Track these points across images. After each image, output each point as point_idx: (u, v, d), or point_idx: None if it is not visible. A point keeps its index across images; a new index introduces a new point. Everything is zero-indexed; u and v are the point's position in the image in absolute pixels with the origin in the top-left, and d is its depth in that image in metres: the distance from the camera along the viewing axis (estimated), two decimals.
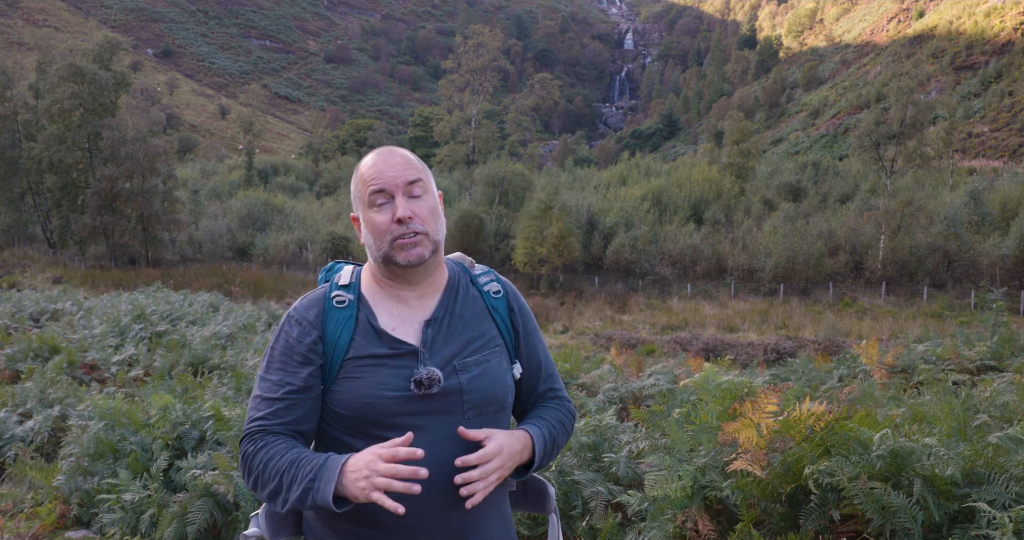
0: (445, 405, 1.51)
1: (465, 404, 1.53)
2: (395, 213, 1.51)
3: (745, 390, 3.17)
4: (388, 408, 1.48)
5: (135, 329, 9.89)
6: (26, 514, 4.44)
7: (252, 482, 1.48)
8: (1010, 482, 2.44)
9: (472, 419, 1.53)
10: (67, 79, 36.67)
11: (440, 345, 1.55)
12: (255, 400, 1.54)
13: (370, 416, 1.49)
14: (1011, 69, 73.43)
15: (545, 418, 1.66)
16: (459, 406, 1.52)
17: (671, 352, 15.97)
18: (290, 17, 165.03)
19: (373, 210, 1.54)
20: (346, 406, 1.50)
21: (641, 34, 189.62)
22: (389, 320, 1.56)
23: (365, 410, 1.49)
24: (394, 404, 1.49)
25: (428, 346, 1.54)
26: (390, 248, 1.52)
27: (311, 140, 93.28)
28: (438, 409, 1.51)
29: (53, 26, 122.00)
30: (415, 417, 1.49)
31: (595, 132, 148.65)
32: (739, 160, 46.73)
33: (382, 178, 1.53)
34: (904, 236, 31.07)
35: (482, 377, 1.56)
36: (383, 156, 1.57)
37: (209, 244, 42.43)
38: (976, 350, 6.50)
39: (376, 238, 1.54)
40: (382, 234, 1.53)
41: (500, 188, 40.95)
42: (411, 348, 1.53)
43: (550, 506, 1.79)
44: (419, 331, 1.56)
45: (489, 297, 1.66)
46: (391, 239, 1.52)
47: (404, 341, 1.53)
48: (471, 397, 1.53)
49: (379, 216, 1.53)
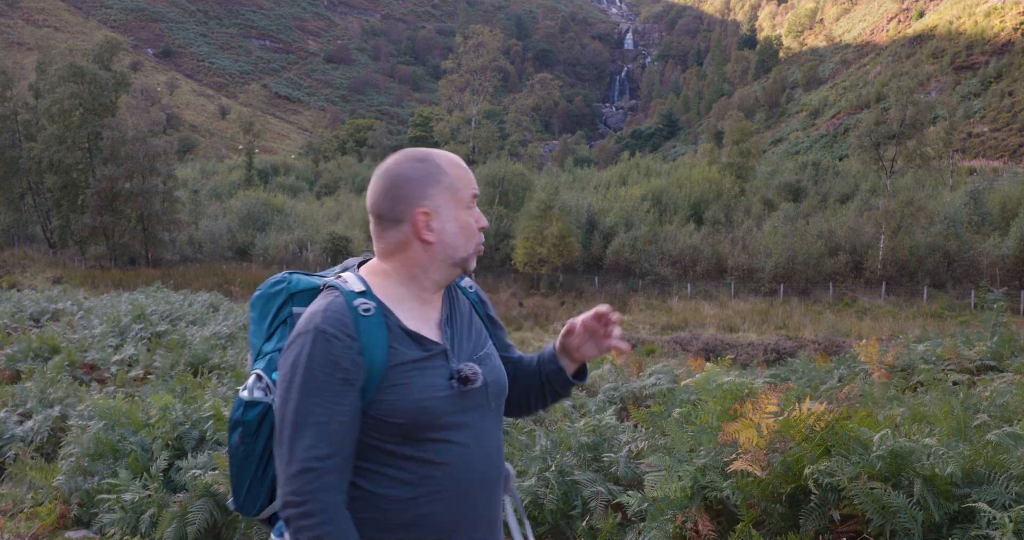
0: (478, 400, 1.54)
1: (490, 396, 1.57)
2: (478, 220, 1.57)
3: (745, 391, 3.17)
4: (441, 408, 1.49)
5: (135, 329, 9.88)
6: (26, 514, 4.44)
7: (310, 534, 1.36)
8: (1010, 482, 2.44)
9: (496, 410, 1.59)
10: (67, 79, 36.68)
11: (459, 343, 1.58)
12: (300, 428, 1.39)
13: (424, 419, 1.47)
14: (1011, 69, 73.45)
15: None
16: (486, 399, 1.56)
17: (671, 352, 15.97)
18: (290, 17, 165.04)
19: (468, 211, 1.56)
20: (398, 414, 1.46)
21: (641, 34, 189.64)
22: (413, 323, 1.55)
23: (420, 414, 1.47)
24: (445, 403, 1.49)
25: (451, 344, 1.56)
26: (472, 252, 1.56)
27: (311, 140, 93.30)
28: (474, 405, 1.54)
29: (53, 26, 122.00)
30: (459, 415, 1.51)
31: (595, 132, 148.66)
32: (739, 160, 46.73)
33: (475, 185, 1.58)
34: (904, 236, 31.08)
35: (496, 370, 1.60)
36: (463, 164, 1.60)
37: (209, 244, 42.43)
38: (976, 350, 6.50)
39: (466, 240, 1.56)
40: (471, 237, 1.56)
41: (500, 188, 40.94)
42: (441, 348, 1.54)
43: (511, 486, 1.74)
44: (438, 331, 1.57)
45: (467, 292, 1.71)
46: (476, 244, 1.56)
47: (435, 341, 1.54)
48: (493, 389, 1.58)
49: (472, 219, 1.56)
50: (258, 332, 1.63)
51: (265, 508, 1.60)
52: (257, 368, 1.58)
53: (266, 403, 1.54)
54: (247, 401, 1.54)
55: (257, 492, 1.58)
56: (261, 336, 1.62)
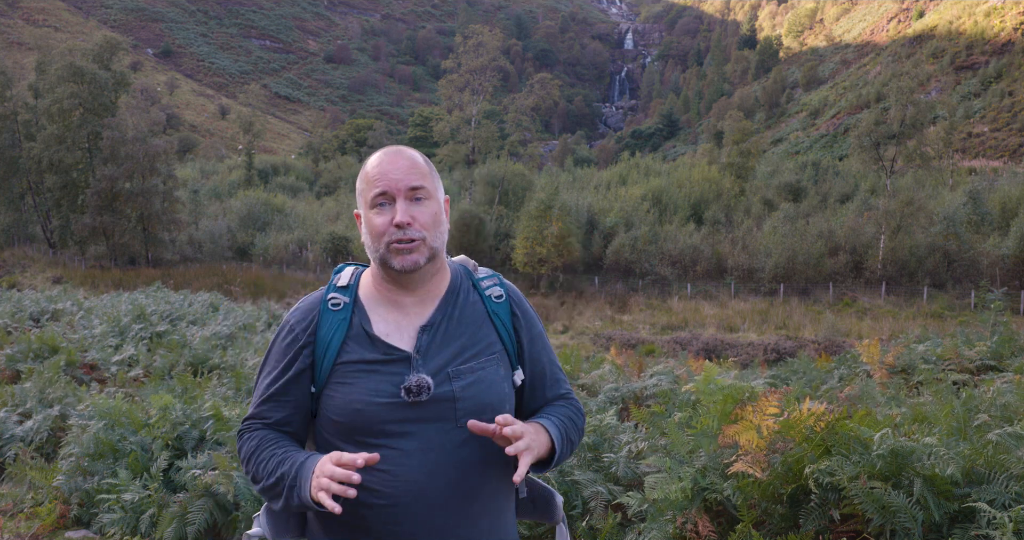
0: (437, 412, 1.49)
1: (458, 412, 1.50)
2: (394, 217, 1.50)
3: (746, 394, 3.17)
4: (378, 415, 1.47)
5: (135, 329, 9.88)
6: (26, 514, 4.44)
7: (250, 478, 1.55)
8: (1010, 481, 2.44)
9: (465, 427, 1.48)
10: (67, 79, 36.69)
11: (435, 352, 1.53)
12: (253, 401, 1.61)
13: (360, 423, 1.48)
14: (1011, 69, 73.42)
15: (555, 414, 1.63)
16: (451, 414, 1.50)
17: (671, 352, 15.98)
18: (290, 17, 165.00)
19: (374, 211, 1.53)
20: (337, 412, 1.50)
21: (641, 34, 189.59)
22: (384, 326, 1.54)
23: (355, 416, 1.48)
24: (384, 411, 1.47)
25: (422, 353, 1.52)
26: (386, 251, 1.51)
27: (311, 140, 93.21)
28: (429, 416, 1.49)
29: (53, 26, 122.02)
30: (405, 424, 1.48)
31: (595, 132, 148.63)
32: (739, 160, 46.71)
33: (385, 180, 1.51)
34: (904, 236, 31.07)
35: (476, 385, 1.53)
36: (390, 157, 1.54)
37: (209, 244, 42.43)
38: (976, 350, 6.49)
39: (374, 240, 1.53)
40: (379, 236, 1.51)
41: (500, 188, 40.95)
42: (404, 354, 1.51)
43: (558, 515, 1.76)
44: (414, 337, 1.53)
45: (491, 302, 1.63)
46: (387, 242, 1.50)
47: (397, 347, 1.51)
48: (464, 405, 1.50)
49: (379, 218, 1.52)
50: None
51: None
52: None
53: None
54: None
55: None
56: None
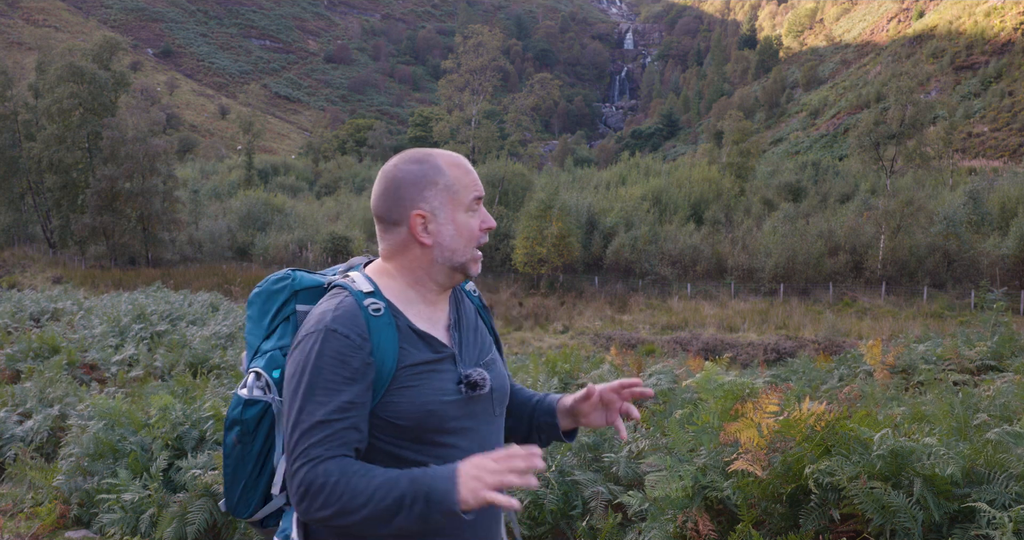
0: (483, 406, 1.54)
1: (494, 403, 1.56)
2: (484, 221, 1.54)
3: (746, 390, 3.17)
4: (448, 413, 1.48)
5: (135, 329, 9.89)
6: (26, 514, 4.44)
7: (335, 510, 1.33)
8: (1010, 481, 2.44)
9: (500, 417, 1.59)
10: (67, 79, 36.69)
11: (466, 347, 1.57)
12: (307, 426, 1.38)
13: (431, 423, 1.46)
14: (1011, 69, 73.46)
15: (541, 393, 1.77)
16: (490, 406, 1.56)
17: (671, 352, 15.99)
18: (290, 17, 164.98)
19: (469, 214, 1.53)
20: (405, 416, 1.45)
21: (641, 34, 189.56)
22: (422, 324, 1.53)
23: (427, 417, 1.46)
24: (452, 408, 1.48)
25: (459, 348, 1.55)
26: (472, 255, 1.54)
27: (311, 140, 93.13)
28: (480, 410, 1.53)
29: (53, 26, 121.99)
30: (465, 420, 1.50)
31: (595, 132, 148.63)
32: (739, 160, 46.72)
33: (479, 186, 1.54)
34: (904, 236, 31.07)
35: (499, 376, 1.60)
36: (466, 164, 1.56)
37: (209, 244, 42.43)
38: (976, 350, 6.50)
39: (466, 243, 1.53)
40: (472, 240, 1.53)
41: (500, 188, 40.96)
42: (450, 351, 1.53)
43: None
44: (446, 334, 1.56)
45: (472, 296, 1.70)
46: (476, 246, 1.54)
47: (444, 344, 1.53)
48: (497, 395, 1.57)
49: (474, 221, 1.54)
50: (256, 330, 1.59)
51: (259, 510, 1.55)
52: (256, 366, 1.53)
53: (265, 402, 1.50)
54: (246, 400, 1.50)
55: (252, 493, 1.54)
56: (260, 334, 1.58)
